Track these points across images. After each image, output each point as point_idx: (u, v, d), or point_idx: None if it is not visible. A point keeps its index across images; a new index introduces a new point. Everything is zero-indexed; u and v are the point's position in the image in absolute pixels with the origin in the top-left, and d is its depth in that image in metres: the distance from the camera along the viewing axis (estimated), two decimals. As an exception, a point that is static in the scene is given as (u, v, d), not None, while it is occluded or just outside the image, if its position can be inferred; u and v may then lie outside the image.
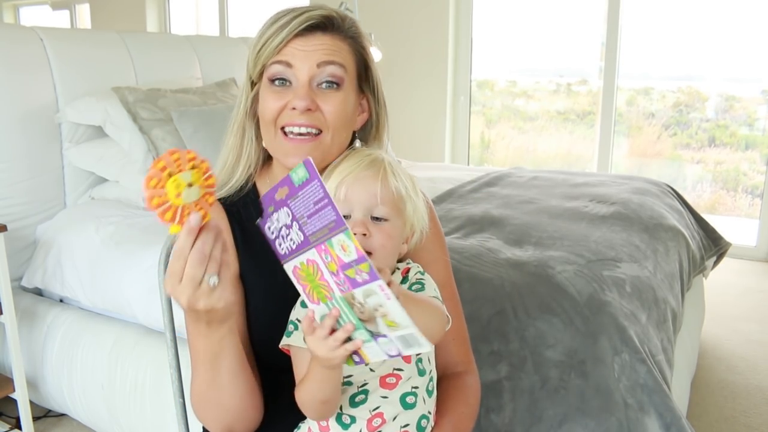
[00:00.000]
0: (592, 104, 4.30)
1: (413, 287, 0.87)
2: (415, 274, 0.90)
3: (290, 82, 0.88)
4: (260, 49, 0.88)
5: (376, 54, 3.46)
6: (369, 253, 0.81)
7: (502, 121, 4.70)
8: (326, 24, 0.88)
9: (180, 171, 0.65)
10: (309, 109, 0.86)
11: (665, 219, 2.08)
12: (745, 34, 3.79)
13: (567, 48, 4.37)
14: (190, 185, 0.66)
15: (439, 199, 2.23)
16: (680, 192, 2.54)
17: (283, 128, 0.88)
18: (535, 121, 4.59)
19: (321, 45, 0.87)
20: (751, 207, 4.03)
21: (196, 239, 0.69)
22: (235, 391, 0.85)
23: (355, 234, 0.78)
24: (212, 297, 0.72)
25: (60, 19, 6.54)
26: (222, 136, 0.98)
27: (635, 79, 4.11)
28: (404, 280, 0.88)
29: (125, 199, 2.13)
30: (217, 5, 5.54)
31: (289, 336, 0.83)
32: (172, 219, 0.66)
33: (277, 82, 0.88)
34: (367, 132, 0.99)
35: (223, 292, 0.73)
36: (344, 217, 0.78)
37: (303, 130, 0.87)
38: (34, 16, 6.90)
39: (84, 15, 6.32)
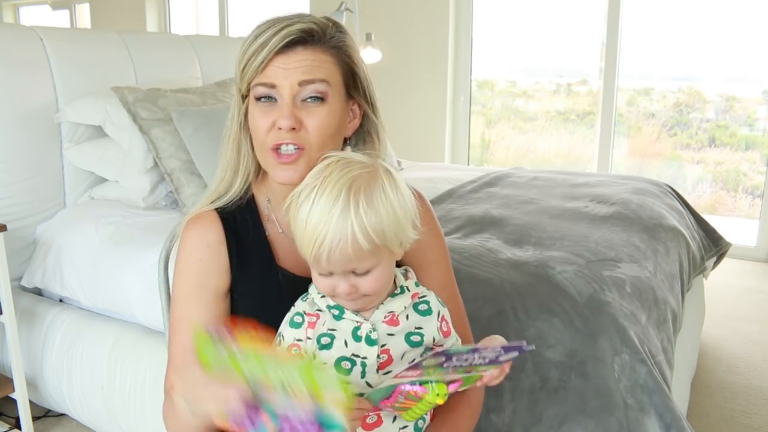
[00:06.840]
0: (592, 104, 4.30)
1: (419, 306, 0.87)
2: (426, 299, 0.89)
3: (276, 99, 0.88)
4: (244, 67, 0.88)
5: (375, 54, 3.45)
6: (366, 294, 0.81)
7: (502, 121, 4.70)
8: (306, 38, 0.87)
9: None
10: (293, 128, 0.86)
11: (665, 219, 2.08)
12: (745, 34, 3.79)
13: (567, 48, 4.37)
14: None
15: (439, 199, 2.23)
16: (680, 192, 2.54)
17: (273, 146, 0.88)
18: (535, 121, 4.58)
19: (302, 61, 0.86)
20: (752, 207, 4.03)
21: None
22: None
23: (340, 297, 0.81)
24: None
25: (60, 18, 6.54)
26: (222, 136, 0.98)
27: (635, 79, 4.10)
28: (415, 305, 0.87)
29: (125, 199, 2.13)
30: (217, 5, 5.54)
31: None
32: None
33: (263, 99, 0.88)
34: (363, 137, 0.98)
35: None
36: (329, 274, 0.79)
37: (291, 148, 0.87)
38: (34, 16, 6.90)
39: (84, 15, 6.32)
